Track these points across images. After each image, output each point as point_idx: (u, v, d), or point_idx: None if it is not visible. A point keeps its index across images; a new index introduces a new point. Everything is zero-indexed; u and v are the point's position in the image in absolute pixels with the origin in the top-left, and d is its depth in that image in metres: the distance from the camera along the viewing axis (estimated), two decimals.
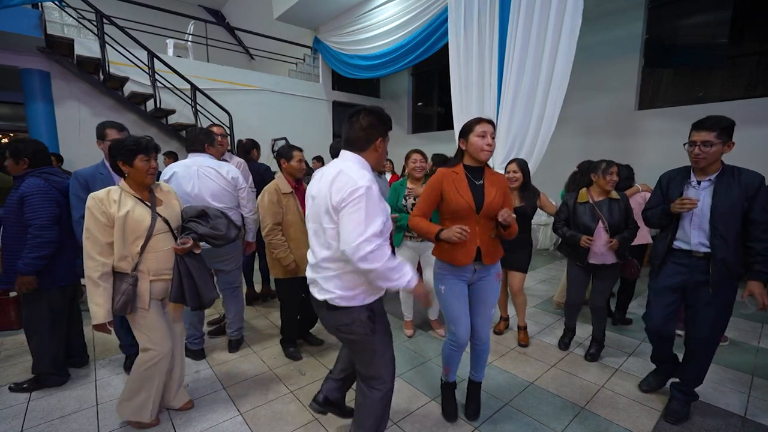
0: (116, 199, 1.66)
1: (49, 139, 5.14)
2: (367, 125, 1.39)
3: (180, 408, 2.04)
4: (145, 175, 1.72)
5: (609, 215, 2.45)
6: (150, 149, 1.72)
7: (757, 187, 1.72)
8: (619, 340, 2.91)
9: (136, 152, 1.68)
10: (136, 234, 1.67)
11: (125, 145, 1.67)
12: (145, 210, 1.72)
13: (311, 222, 1.44)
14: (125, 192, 1.71)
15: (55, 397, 2.18)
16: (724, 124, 1.74)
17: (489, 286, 1.86)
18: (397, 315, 3.22)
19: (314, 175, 1.48)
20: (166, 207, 1.82)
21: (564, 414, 2.04)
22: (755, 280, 1.78)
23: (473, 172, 1.78)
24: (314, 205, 1.40)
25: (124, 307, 1.66)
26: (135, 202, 1.70)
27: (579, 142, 5.75)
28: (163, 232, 1.75)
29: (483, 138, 1.71)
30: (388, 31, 6.29)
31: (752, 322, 3.22)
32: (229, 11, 11.44)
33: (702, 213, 1.83)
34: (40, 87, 5.09)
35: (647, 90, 5.37)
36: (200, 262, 1.87)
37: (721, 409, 2.07)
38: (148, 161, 1.71)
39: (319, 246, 1.41)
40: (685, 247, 1.90)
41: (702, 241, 1.85)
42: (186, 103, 5.91)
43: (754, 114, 4.33)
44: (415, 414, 2.05)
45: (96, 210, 1.62)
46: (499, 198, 1.75)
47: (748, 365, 2.53)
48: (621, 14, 5.30)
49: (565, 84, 3.73)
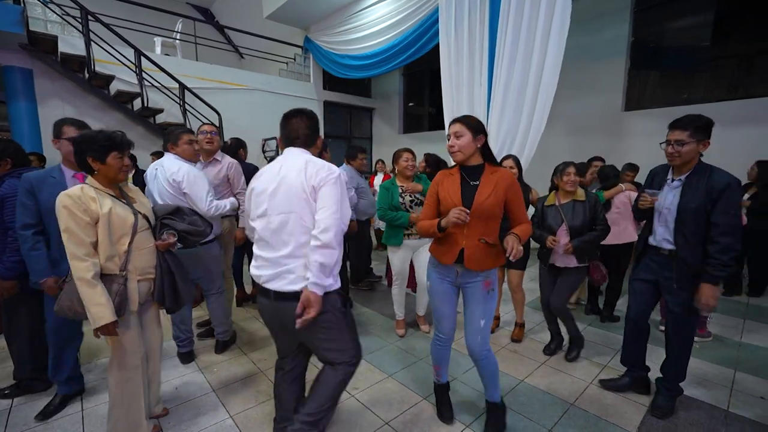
0: (93, 197, 1.55)
1: (31, 139, 5.01)
2: (312, 124, 1.56)
3: (158, 415, 1.97)
4: (118, 173, 1.62)
5: (572, 218, 2.44)
6: (124, 146, 1.63)
7: (720, 189, 1.72)
8: (607, 337, 2.95)
9: (110, 149, 1.58)
10: (121, 231, 1.59)
11: (97, 141, 1.56)
12: (125, 207, 1.64)
13: (276, 214, 1.43)
14: (98, 190, 1.59)
15: (39, 403, 2.12)
16: (699, 123, 1.78)
17: (473, 293, 1.75)
18: (389, 315, 3.22)
19: (260, 175, 1.55)
20: (141, 205, 1.76)
21: (553, 411, 2.06)
22: (705, 282, 1.78)
23: (470, 172, 1.72)
24: (280, 197, 1.43)
25: (120, 308, 1.56)
26: (112, 200, 1.61)
27: (568, 142, 5.82)
28: (144, 229, 1.69)
29: (449, 140, 1.70)
30: (379, 31, 6.29)
31: (735, 318, 3.30)
32: (219, 9, 11.31)
33: (669, 211, 1.90)
34: (22, 85, 4.95)
35: (634, 91, 5.47)
36: (179, 260, 1.82)
37: (705, 403, 2.12)
38: (121, 158, 1.62)
39: (289, 235, 1.42)
40: (655, 244, 2.00)
41: (666, 237, 1.93)
42: (174, 102, 5.82)
43: (737, 115, 4.45)
44: (406, 413, 2.05)
45: (76, 208, 1.49)
46: (493, 198, 1.65)
47: (731, 360, 2.60)
48: (608, 17, 5.39)
49: (554, 84, 3.78)
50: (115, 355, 1.65)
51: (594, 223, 2.43)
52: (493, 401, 1.88)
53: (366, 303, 3.72)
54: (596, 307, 3.40)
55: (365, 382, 2.35)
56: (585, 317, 3.33)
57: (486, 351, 1.77)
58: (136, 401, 1.69)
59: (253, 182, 1.56)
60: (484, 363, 1.79)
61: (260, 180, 1.52)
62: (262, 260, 1.48)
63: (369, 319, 3.34)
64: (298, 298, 1.38)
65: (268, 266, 1.46)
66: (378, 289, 4.16)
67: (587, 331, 3.06)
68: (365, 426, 1.95)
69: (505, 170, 1.72)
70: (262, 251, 1.49)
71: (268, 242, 1.47)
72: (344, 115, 9.27)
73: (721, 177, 1.76)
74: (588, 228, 2.43)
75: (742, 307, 3.58)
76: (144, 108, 5.55)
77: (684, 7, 4.99)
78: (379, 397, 2.20)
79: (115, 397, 1.67)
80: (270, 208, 1.45)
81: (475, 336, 1.76)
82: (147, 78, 5.44)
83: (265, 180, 1.49)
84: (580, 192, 2.49)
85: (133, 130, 5.80)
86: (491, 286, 1.74)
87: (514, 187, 1.69)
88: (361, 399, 2.18)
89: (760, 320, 3.26)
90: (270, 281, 1.45)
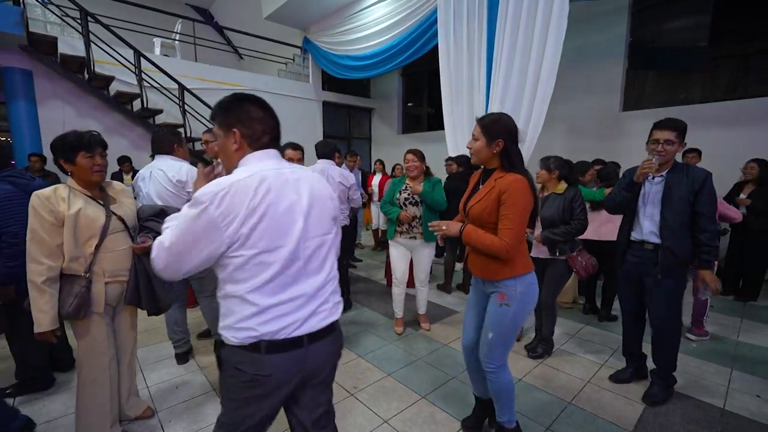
0: (65, 197, 1.52)
1: (31, 140, 5.02)
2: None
3: (138, 417, 1.98)
4: (90, 173, 1.58)
5: (545, 210, 2.50)
6: (93, 145, 1.58)
7: (701, 180, 1.90)
8: (605, 336, 2.97)
9: (78, 148, 1.54)
10: (89, 233, 1.56)
11: (66, 141, 1.54)
12: (98, 208, 1.61)
13: (311, 239, 1.07)
14: (74, 190, 1.58)
15: (41, 402, 2.14)
16: (682, 126, 1.93)
17: (490, 304, 1.65)
18: (388, 315, 3.24)
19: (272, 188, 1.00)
20: (120, 205, 1.73)
21: (551, 409, 2.08)
22: (703, 268, 1.97)
23: (485, 174, 1.68)
24: (314, 218, 1.07)
25: (77, 311, 1.53)
26: (86, 200, 1.59)
27: (566, 143, 5.84)
28: (118, 230, 1.66)
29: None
30: (379, 31, 6.30)
31: (732, 317, 3.32)
32: (218, 10, 11.31)
33: (654, 205, 2.01)
34: (22, 86, 4.96)
35: (632, 92, 5.48)
36: None
37: (702, 401, 2.14)
38: (91, 158, 1.57)
39: (321, 262, 1.10)
40: (639, 238, 2.07)
41: (653, 230, 2.02)
42: (174, 103, 5.83)
43: (734, 115, 4.47)
44: (405, 412, 2.07)
45: (42, 209, 1.47)
46: (481, 204, 1.56)
47: (728, 359, 2.61)
48: (605, 17, 5.40)
49: (552, 84, 3.80)
50: (81, 355, 1.65)
51: (571, 217, 2.45)
52: (500, 422, 1.73)
53: (365, 303, 3.73)
54: (594, 306, 3.41)
55: (364, 381, 2.36)
56: (583, 316, 3.35)
57: (494, 366, 1.64)
58: (99, 402, 1.68)
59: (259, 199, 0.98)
60: (493, 378, 1.66)
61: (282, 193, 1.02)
62: (291, 301, 1.03)
63: (368, 318, 3.36)
64: (335, 328, 1.14)
65: (302, 305, 1.05)
66: (377, 289, 4.17)
67: (585, 330, 3.08)
68: (364, 424, 1.97)
69: (511, 176, 1.52)
70: (288, 290, 1.03)
71: (300, 273, 1.05)
72: (343, 115, 9.28)
73: (698, 170, 1.95)
74: (561, 222, 2.45)
75: (739, 307, 3.60)
76: (143, 109, 5.57)
77: (681, 7, 5.00)
78: (378, 395, 2.22)
79: (81, 398, 1.67)
80: (308, 231, 1.06)
81: (483, 345, 1.67)
82: (146, 79, 5.46)
83: (287, 194, 1.03)
84: (561, 186, 2.53)
85: (133, 131, 5.82)
86: (505, 300, 1.59)
87: (508, 195, 1.48)
88: (360, 398, 2.20)
89: (756, 320, 3.28)
90: (304, 324, 1.05)
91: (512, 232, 1.49)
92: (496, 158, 1.59)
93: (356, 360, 2.63)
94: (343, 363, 2.58)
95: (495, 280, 1.61)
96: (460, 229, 1.61)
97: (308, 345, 1.06)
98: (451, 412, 2.06)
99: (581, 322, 3.23)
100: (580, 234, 2.48)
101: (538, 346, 2.68)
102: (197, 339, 2.90)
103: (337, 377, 2.35)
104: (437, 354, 2.71)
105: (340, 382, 2.35)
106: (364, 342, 2.90)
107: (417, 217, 2.83)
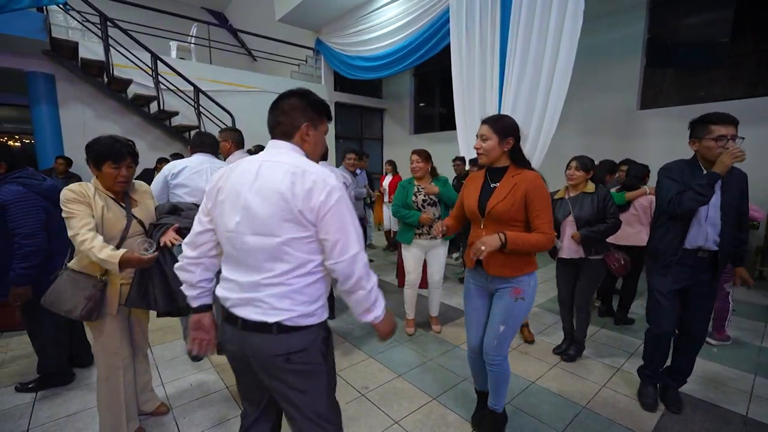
0: (91, 195, 1.56)
1: (54, 142, 5.19)
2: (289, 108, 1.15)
3: (153, 413, 2.01)
4: (113, 183, 1.59)
5: (579, 209, 2.46)
6: (122, 156, 1.56)
7: (744, 180, 1.87)
8: (621, 340, 2.91)
9: (106, 158, 1.54)
10: (110, 235, 1.58)
11: (95, 148, 1.54)
12: (119, 210, 1.63)
13: (250, 235, 1.05)
14: (98, 190, 1.60)
15: (61, 397, 2.20)
16: (737, 122, 1.80)
17: (501, 298, 1.69)
18: (399, 315, 3.23)
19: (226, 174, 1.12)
20: (141, 208, 1.73)
21: (565, 413, 2.04)
22: (741, 265, 1.98)
23: (493, 174, 1.69)
24: (255, 215, 1.04)
25: (89, 314, 1.54)
26: (108, 202, 1.60)
27: (581, 142, 5.73)
28: (138, 234, 1.67)
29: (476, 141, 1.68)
30: (390, 32, 6.30)
31: (755, 322, 3.21)
32: (232, 13, 11.49)
33: (714, 209, 1.84)
34: (45, 90, 5.13)
35: (649, 90, 5.35)
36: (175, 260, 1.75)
37: (723, 408, 2.07)
38: (117, 169, 1.56)
39: (265, 260, 1.06)
40: (691, 247, 1.89)
41: (714, 237, 1.86)
42: (189, 104, 5.94)
43: (756, 113, 4.31)
44: (417, 413, 2.06)
45: (79, 199, 1.52)
46: (507, 202, 1.58)
47: (751, 364, 2.53)
48: (622, 14, 5.29)
49: (567, 84, 3.73)
50: (96, 353, 1.69)
51: (604, 215, 2.43)
52: (493, 408, 1.83)
53: None
54: (610, 309, 3.34)
55: (375, 382, 2.36)
56: (599, 319, 3.29)
57: (500, 358, 1.70)
58: (115, 400, 1.70)
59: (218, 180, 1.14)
60: (495, 370, 1.73)
61: (227, 182, 1.11)
62: (228, 281, 1.13)
63: None
64: (275, 328, 1.06)
65: (237, 288, 1.10)
66: (388, 290, 4.17)
67: (600, 334, 3.02)
68: (375, 425, 1.97)
69: (529, 172, 1.61)
70: (229, 270, 1.13)
71: (238, 262, 1.11)
72: (355, 116, 9.31)
73: (739, 170, 1.87)
74: (597, 220, 2.43)
75: (763, 311, 3.47)
76: (160, 111, 5.69)
77: (702, 2, 4.86)
78: (389, 396, 2.22)
79: (98, 394, 1.71)
80: (241, 226, 1.07)
81: (492, 339, 1.70)
82: (163, 81, 5.58)
83: (234, 185, 1.09)
84: (590, 185, 2.50)
85: (151, 132, 5.95)
86: (521, 294, 1.65)
87: (536, 191, 1.55)
88: (371, 398, 2.20)
89: None
90: (241, 305, 1.10)
91: (550, 224, 1.58)
92: (505, 156, 1.64)
93: (367, 360, 2.63)
94: (353, 363, 2.59)
95: (512, 277, 1.65)
96: (502, 239, 1.52)
97: (243, 330, 1.09)
98: (462, 413, 2.05)
99: (596, 324, 3.17)
100: (615, 232, 2.47)
101: (570, 348, 2.63)
102: None
103: (348, 377, 2.38)
104: (448, 355, 2.69)
105: (350, 381, 2.35)
106: (374, 342, 2.90)
107: (437, 216, 2.82)
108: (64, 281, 1.59)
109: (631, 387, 2.28)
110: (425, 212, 2.79)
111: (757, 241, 4.41)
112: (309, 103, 1.16)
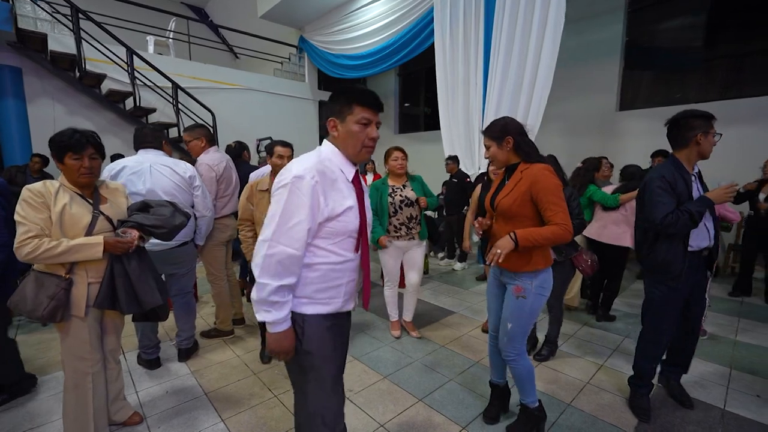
0: (53, 192, 1.50)
1: (21, 139, 4.94)
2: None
3: (125, 422, 1.92)
4: (76, 175, 1.53)
5: None
6: (83, 146, 1.51)
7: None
8: (604, 337, 2.94)
9: (66, 149, 1.49)
10: (73, 232, 1.51)
11: (56, 140, 1.50)
12: (84, 206, 1.56)
13: None
14: (64, 186, 1.54)
15: (24, 407, 2.07)
16: None
17: (507, 295, 1.73)
18: (384, 316, 3.19)
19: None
20: (112, 205, 1.67)
21: (550, 410, 2.04)
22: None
23: (508, 171, 1.76)
24: None
25: (52, 314, 1.46)
26: (72, 198, 1.54)
27: (563, 142, 5.83)
28: (106, 231, 1.59)
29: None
30: (375, 30, 6.27)
31: (729, 317, 3.31)
32: (213, 9, 11.23)
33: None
34: (11, 83, 4.87)
35: (628, 91, 5.49)
36: (143, 262, 1.68)
37: (702, 402, 2.11)
38: (79, 160, 1.51)
39: None
40: (698, 248, 1.87)
41: (713, 234, 1.91)
42: (167, 101, 5.76)
43: (729, 115, 4.47)
44: (402, 415, 2.02)
45: (34, 201, 1.46)
46: (510, 197, 1.62)
47: (726, 358, 2.60)
48: (602, 17, 5.41)
49: (549, 84, 3.79)
50: (63, 358, 1.59)
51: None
52: (524, 403, 1.84)
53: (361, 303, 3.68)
54: (596, 305, 3.36)
55: (360, 384, 2.31)
56: (581, 317, 3.32)
57: (514, 354, 1.73)
58: (83, 410, 1.61)
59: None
60: (513, 365, 1.77)
61: None
62: None
63: (364, 319, 3.31)
64: None
65: None
66: (373, 291, 4.12)
67: (583, 331, 3.05)
68: (360, 428, 1.92)
69: (536, 165, 1.61)
70: None
71: None
72: None
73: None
74: None
75: (736, 306, 3.59)
76: (136, 107, 5.49)
77: (677, 7, 5.02)
78: (374, 398, 2.17)
79: (64, 403, 1.62)
80: None
81: (503, 336, 1.77)
82: (139, 77, 5.38)
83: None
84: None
85: (126, 129, 5.74)
86: (521, 293, 1.65)
87: (540, 184, 1.55)
88: (355, 401, 2.15)
89: (754, 319, 3.27)
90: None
91: (563, 213, 1.54)
92: (513, 154, 1.70)
93: (351, 362, 2.57)
94: None
95: (514, 272, 1.67)
96: (513, 239, 1.53)
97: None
98: (448, 415, 2.02)
99: (579, 322, 3.21)
100: (580, 232, 2.45)
101: (543, 349, 2.64)
102: (201, 338, 2.92)
103: None
104: (434, 356, 2.67)
105: None
106: (359, 343, 2.85)
107: (414, 217, 2.78)
108: (31, 282, 1.51)
109: (614, 383, 2.30)
110: (403, 213, 2.74)
111: (728, 238, 4.58)
112: (331, 99, 1.24)
